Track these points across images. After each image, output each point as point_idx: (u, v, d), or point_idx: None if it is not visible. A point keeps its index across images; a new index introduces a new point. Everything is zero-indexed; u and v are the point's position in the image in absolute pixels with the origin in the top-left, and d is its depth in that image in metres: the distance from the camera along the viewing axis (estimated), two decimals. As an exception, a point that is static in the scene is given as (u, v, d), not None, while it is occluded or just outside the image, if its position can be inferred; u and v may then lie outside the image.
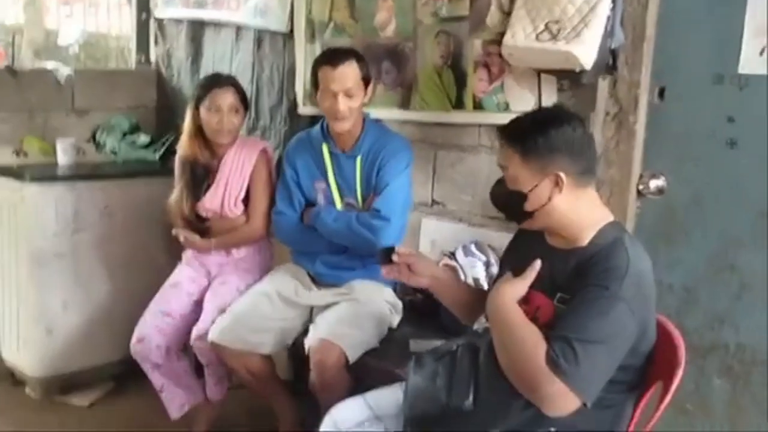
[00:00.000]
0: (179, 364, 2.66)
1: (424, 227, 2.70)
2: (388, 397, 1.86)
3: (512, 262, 1.75)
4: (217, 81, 2.66)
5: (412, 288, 2.56)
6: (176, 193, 2.69)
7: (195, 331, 2.52)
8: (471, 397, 1.63)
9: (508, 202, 1.65)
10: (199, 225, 2.69)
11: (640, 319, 1.50)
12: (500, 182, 1.67)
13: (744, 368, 2.10)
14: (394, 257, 1.84)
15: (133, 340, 2.58)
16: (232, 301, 2.52)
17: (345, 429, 1.80)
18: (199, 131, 2.65)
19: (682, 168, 2.16)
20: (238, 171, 2.66)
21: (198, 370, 2.72)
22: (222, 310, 2.49)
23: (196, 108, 2.62)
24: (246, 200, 2.68)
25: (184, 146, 2.69)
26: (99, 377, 3.14)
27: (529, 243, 1.71)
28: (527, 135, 1.58)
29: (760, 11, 1.96)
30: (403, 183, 2.41)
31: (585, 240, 1.59)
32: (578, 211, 1.60)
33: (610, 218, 1.64)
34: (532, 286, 1.60)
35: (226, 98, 2.59)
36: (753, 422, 2.09)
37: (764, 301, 2.04)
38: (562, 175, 1.55)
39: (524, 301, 1.60)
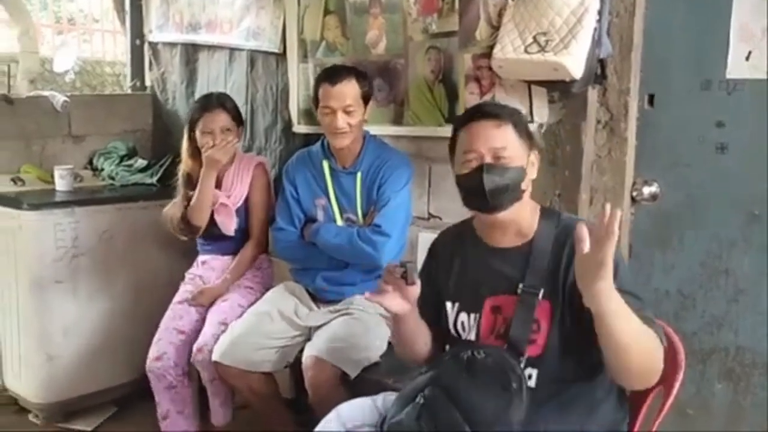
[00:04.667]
0: (187, 389, 2.63)
1: (422, 241, 2.70)
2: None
3: (441, 267, 1.78)
4: (207, 104, 2.70)
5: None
6: (176, 202, 2.73)
7: (196, 345, 2.52)
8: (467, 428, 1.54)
9: (508, 184, 1.60)
10: (188, 229, 2.72)
11: None
12: (490, 168, 1.60)
13: (744, 371, 2.10)
14: (414, 277, 1.63)
15: (151, 357, 2.57)
16: (233, 317, 2.54)
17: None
18: (197, 152, 2.70)
19: (673, 173, 2.18)
20: (239, 182, 2.73)
21: (200, 396, 2.71)
22: (223, 324, 2.51)
23: (192, 130, 2.69)
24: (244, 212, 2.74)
25: (186, 164, 2.75)
26: (101, 402, 3.12)
27: (461, 248, 1.76)
28: (512, 110, 1.70)
29: (745, 16, 1.99)
30: (403, 199, 2.43)
31: (531, 232, 1.66)
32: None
33: (537, 205, 1.72)
34: (496, 293, 1.65)
35: (218, 121, 2.64)
36: (755, 425, 2.09)
37: (760, 304, 2.05)
38: (536, 150, 1.69)
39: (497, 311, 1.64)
